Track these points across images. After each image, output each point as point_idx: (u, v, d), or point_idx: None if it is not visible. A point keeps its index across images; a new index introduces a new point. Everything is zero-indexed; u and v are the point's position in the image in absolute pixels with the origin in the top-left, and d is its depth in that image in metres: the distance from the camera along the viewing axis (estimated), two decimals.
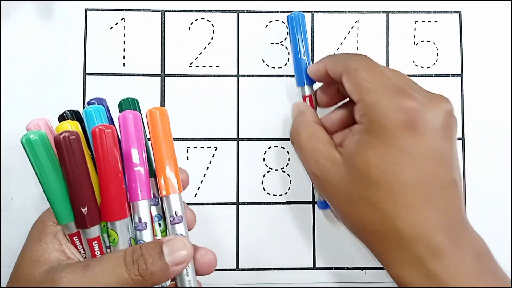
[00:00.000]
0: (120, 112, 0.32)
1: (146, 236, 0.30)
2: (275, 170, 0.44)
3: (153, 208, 0.32)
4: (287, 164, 0.44)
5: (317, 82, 0.40)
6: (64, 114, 0.33)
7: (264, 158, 0.44)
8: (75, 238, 0.30)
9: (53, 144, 0.29)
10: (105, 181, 0.29)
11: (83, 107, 0.43)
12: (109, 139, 0.29)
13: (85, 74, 0.43)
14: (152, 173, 0.32)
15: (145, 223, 0.30)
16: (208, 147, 0.43)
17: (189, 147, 0.43)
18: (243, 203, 0.43)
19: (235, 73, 0.44)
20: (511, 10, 0.45)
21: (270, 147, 0.44)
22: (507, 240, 0.44)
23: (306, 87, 0.40)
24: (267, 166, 0.44)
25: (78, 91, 0.43)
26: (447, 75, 0.45)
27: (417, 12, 0.45)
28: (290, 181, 0.44)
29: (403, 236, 0.30)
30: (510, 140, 0.44)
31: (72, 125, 0.31)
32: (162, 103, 0.43)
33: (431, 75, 0.45)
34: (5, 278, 0.41)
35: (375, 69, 0.33)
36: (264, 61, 0.44)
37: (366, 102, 0.32)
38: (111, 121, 0.33)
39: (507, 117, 0.44)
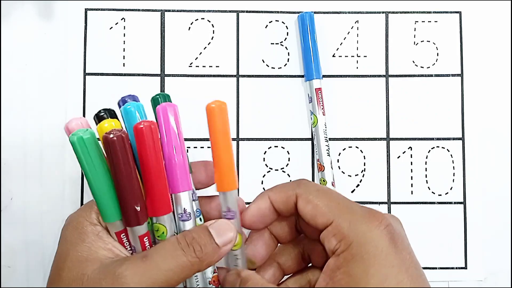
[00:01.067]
0: (153, 107, 0.32)
1: (190, 226, 0.31)
2: (275, 170, 0.44)
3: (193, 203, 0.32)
4: (287, 164, 0.44)
5: (253, 229, 0.34)
6: (102, 114, 0.32)
7: (264, 158, 0.44)
8: (122, 236, 0.30)
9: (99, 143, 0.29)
10: (151, 177, 0.29)
11: (83, 107, 0.43)
12: (155, 135, 0.29)
13: (85, 74, 0.43)
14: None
15: (189, 213, 0.31)
16: (208, 147, 0.43)
17: (189, 147, 0.43)
18: None
19: (235, 73, 0.44)
20: (511, 10, 0.45)
21: (270, 147, 0.44)
22: (507, 240, 0.44)
23: (317, 81, 0.42)
24: (267, 166, 0.44)
25: (78, 91, 0.43)
26: (447, 75, 0.45)
27: (417, 12, 0.45)
28: (290, 181, 0.44)
29: None
30: (510, 140, 0.44)
31: (115, 124, 0.31)
32: None
33: (431, 75, 0.45)
34: (5, 278, 0.41)
35: (330, 191, 0.31)
36: (264, 61, 0.44)
37: (339, 225, 0.29)
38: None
39: (507, 117, 0.44)
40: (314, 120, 0.43)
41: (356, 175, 0.44)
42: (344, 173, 0.44)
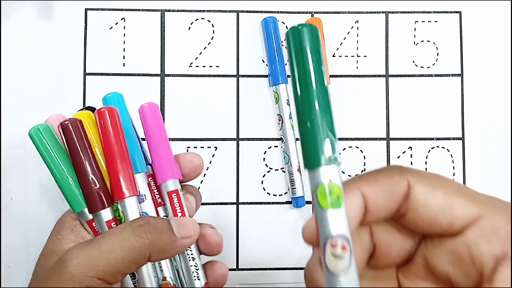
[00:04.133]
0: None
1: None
2: (275, 170, 0.44)
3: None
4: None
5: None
6: (81, 109, 0.33)
7: (264, 158, 0.44)
8: (94, 224, 0.30)
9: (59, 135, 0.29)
10: (110, 159, 0.29)
11: (83, 107, 0.43)
12: (115, 118, 0.29)
13: (85, 74, 0.43)
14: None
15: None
16: (208, 147, 0.43)
17: (189, 147, 0.43)
18: (243, 203, 0.43)
19: (235, 73, 0.44)
20: (511, 10, 0.45)
21: (270, 147, 0.44)
22: None
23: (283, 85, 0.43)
24: (267, 166, 0.44)
25: (78, 91, 0.43)
26: (447, 75, 0.45)
27: (417, 12, 0.45)
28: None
29: None
30: (510, 140, 0.44)
31: (84, 114, 0.31)
32: (162, 103, 0.43)
33: (431, 75, 0.45)
34: (5, 278, 0.41)
35: (451, 181, 0.22)
36: (264, 61, 0.44)
37: (484, 226, 0.20)
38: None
39: (507, 117, 0.44)
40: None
41: (356, 175, 0.44)
42: (344, 173, 0.44)
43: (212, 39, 0.44)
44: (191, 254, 0.31)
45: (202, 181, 0.43)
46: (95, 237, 0.28)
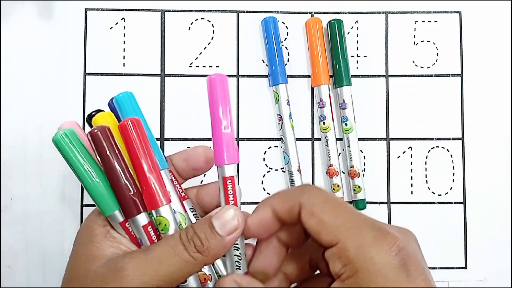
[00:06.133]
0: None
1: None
2: (275, 170, 0.44)
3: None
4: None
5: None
6: (93, 113, 0.33)
7: (264, 158, 0.44)
8: (128, 225, 0.30)
9: (85, 141, 0.29)
10: (140, 171, 0.29)
11: (83, 107, 0.43)
12: (139, 129, 0.29)
13: (85, 74, 0.43)
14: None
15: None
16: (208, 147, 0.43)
17: (189, 147, 0.43)
18: (243, 203, 0.43)
19: (235, 73, 0.44)
20: (511, 10, 0.45)
21: (270, 147, 0.44)
22: (507, 240, 0.44)
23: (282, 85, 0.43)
24: (267, 166, 0.44)
25: (78, 91, 0.43)
26: (447, 75, 0.45)
27: (417, 12, 0.45)
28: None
29: None
30: (510, 140, 0.44)
31: (106, 116, 0.31)
32: (162, 103, 0.43)
33: (431, 75, 0.45)
34: (5, 278, 0.41)
35: (340, 204, 0.28)
36: (264, 61, 0.44)
37: (346, 247, 0.26)
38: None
39: (507, 117, 0.44)
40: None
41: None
42: (344, 173, 0.44)
43: (212, 39, 0.44)
44: (236, 243, 0.30)
45: (202, 181, 0.43)
46: (149, 246, 0.29)
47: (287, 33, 0.45)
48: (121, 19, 0.44)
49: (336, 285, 0.26)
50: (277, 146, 0.44)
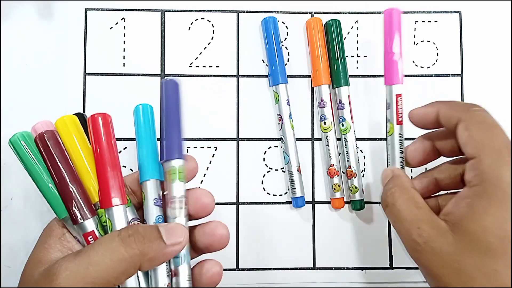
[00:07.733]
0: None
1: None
2: (275, 170, 0.44)
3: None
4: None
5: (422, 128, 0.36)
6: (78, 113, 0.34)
7: (264, 158, 0.44)
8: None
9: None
10: (100, 168, 0.29)
11: (83, 107, 0.43)
12: (107, 126, 0.29)
13: (85, 74, 0.43)
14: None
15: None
16: (208, 147, 0.43)
17: (189, 147, 0.43)
18: (243, 203, 0.43)
19: (235, 73, 0.44)
20: (511, 10, 0.45)
21: (270, 147, 0.44)
22: None
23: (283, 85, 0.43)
24: (267, 166, 0.44)
25: (78, 91, 0.43)
26: (447, 75, 0.45)
27: (417, 12, 0.45)
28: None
29: None
30: (510, 140, 0.44)
31: (68, 119, 0.31)
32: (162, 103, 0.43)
33: (431, 75, 0.45)
34: (5, 278, 0.41)
35: (497, 128, 0.31)
36: (264, 61, 0.44)
37: (482, 161, 0.29)
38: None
39: (507, 117, 0.44)
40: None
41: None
42: (343, 173, 0.44)
43: (212, 39, 0.44)
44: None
45: (202, 181, 0.43)
46: (83, 248, 0.28)
47: (287, 33, 0.45)
48: (121, 19, 0.44)
49: (464, 190, 0.30)
50: (277, 146, 0.44)
